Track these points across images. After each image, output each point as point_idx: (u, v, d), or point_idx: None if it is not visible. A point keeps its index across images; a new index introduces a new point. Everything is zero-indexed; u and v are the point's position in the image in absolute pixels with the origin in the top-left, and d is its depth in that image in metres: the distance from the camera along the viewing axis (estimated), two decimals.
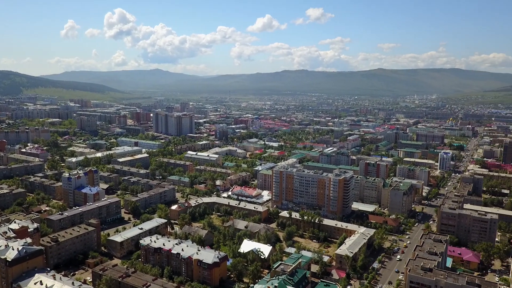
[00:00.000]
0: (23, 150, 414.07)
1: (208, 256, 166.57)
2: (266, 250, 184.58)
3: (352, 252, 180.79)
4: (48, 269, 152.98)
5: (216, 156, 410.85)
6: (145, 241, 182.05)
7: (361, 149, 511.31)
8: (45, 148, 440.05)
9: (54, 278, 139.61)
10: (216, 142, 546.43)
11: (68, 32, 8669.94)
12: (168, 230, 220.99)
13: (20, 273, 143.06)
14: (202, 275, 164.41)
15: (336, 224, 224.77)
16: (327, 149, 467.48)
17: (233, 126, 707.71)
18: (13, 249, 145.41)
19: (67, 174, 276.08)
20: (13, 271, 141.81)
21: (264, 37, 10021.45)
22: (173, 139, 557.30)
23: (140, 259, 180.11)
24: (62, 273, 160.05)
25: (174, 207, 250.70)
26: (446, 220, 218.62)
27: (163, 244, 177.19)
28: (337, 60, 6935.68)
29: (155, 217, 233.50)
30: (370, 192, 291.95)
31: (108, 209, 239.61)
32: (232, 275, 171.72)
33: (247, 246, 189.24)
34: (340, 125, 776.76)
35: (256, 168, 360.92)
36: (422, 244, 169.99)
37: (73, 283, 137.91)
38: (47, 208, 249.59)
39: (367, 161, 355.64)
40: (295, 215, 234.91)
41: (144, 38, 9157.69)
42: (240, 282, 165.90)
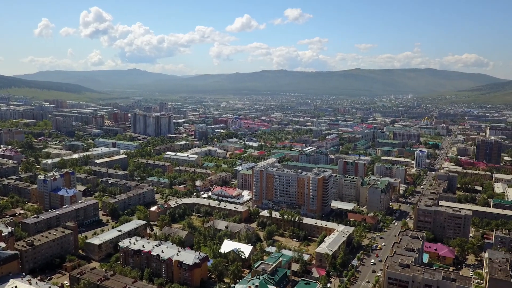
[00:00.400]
0: None
1: (189, 257, 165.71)
2: (246, 250, 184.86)
3: (331, 250, 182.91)
4: (24, 274, 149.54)
5: (196, 156, 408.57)
6: (124, 243, 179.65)
7: (340, 148, 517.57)
8: (19, 150, 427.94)
9: (30, 283, 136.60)
10: (196, 142, 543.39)
11: (42, 31, 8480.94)
12: (148, 231, 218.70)
13: None
14: (183, 276, 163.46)
15: (316, 223, 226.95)
16: (306, 149, 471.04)
17: (213, 126, 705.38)
18: None
19: (43, 176, 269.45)
20: None
21: (243, 37, 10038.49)
22: (152, 140, 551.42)
23: (119, 262, 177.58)
24: (38, 277, 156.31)
25: (153, 208, 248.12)
26: (423, 217, 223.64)
27: (143, 246, 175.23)
28: (315, 60, 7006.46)
29: (134, 218, 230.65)
30: (349, 190, 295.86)
31: (86, 212, 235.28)
32: (213, 276, 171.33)
33: (227, 246, 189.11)
34: (318, 124, 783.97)
35: (236, 168, 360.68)
36: (399, 241, 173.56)
37: (49, 287, 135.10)
38: (21, 212, 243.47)
39: (346, 160, 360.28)
40: (276, 214, 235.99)
41: (121, 37, 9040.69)
42: (221, 283, 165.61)
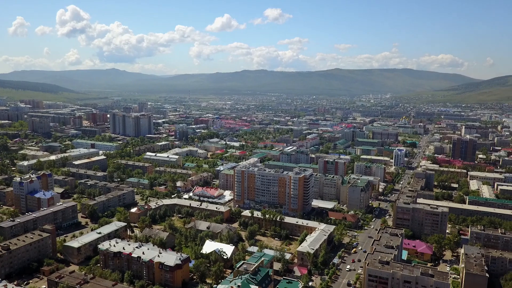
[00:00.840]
0: None
1: (170, 258, 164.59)
2: (228, 250, 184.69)
3: (313, 249, 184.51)
4: (0, 279, 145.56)
5: (176, 157, 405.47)
6: (104, 245, 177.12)
7: (320, 148, 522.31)
8: None
9: None
10: (176, 142, 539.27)
11: (17, 29, 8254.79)
12: (128, 233, 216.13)
13: None
14: (164, 278, 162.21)
15: (297, 222, 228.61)
16: (287, 148, 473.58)
17: (193, 126, 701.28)
18: None
19: (19, 178, 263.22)
20: None
21: (223, 36, 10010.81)
22: (131, 140, 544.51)
23: (99, 265, 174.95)
24: (15, 282, 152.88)
25: (133, 210, 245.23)
26: (401, 215, 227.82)
27: (123, 248, 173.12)
28: (295, 60, 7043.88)
29: (114, 220, 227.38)
30: (329, 189, 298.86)
31: (64, 214, 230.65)
32: (194, 277, 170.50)
33: (209, 246, 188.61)
34: (299, 124, 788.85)
35: (218, 168, 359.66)
36: (379, 238, 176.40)
37: None
38: None
39: (326, 159, 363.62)
40: (257, 214, 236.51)
41: (99, 36, 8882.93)
42: (203, 283, 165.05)
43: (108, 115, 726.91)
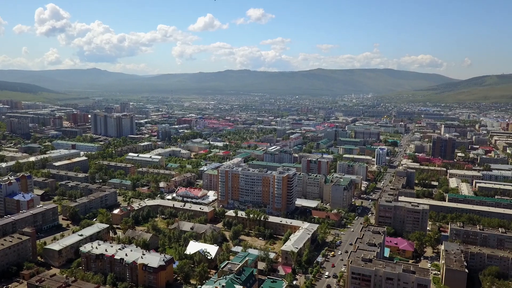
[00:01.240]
0: None
1: (154, 259, 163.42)
2: (212, 250, 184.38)
3: (297, 248, 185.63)
4: None
5: (159, 157, 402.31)
6: (85, 248, 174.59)
7: (303, 147, 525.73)
8: None
9: None
10: (159, 143, 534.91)
11: None
12: (111, 235, 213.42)
13: None
14: (148, 280, 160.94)
15: (281, 221, 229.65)
16: (270, 148, 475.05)
17: (176, 126, 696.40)
18: None
19: None
20: None
21: (206, 36, 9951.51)
22: (113, 141, 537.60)
23: (80, 267, 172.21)
24: None
25: (116, 211, 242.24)
26: (383, 213, 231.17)
27: (105, 250, 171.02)
28: (278, 60, 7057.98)
29: (96, 222, 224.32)
30: (313, 188, 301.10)
31: (44, 216, 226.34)
32: (179, 278, 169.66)
33: (193, 247, 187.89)
34: (282, 124, 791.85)
35: (201, 169, 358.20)
36: (362, 236, 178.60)
37: None
38: None
39: (309, 159, 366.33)
40: (241, 214, 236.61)
41: (79, 35, 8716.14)
42: (187, 284, 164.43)
43: (89, 116, 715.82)
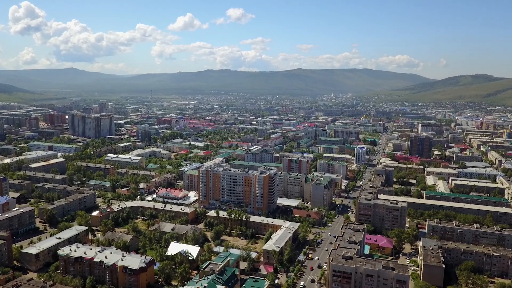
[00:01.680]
0: None
1: (134, 261, 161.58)
2: (194, 251, 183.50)
3: (278, 247, 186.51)
4: None
5: (139, 158, 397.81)
6: (64, 251, 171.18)
7: (284, 147, 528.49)
8: None
9: None
10: (138, 143, 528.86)
11: None
12: (90, 237, 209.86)
13: None
14: (128, 282, 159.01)
15: (263, 220, 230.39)
16: (252, 148, 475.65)
17: (156, 127, 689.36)
18: None
19: None
20: None
21: (185, 36, 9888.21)
22: (92, 142, 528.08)
23: (59, 271, 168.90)
24: None
25: (95, 213, 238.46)
26: (363, 210, 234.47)
27: (85, 253, 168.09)
28: (258, 60, 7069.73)
29: (74, 225, 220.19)
30: (294, 187, 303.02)
31: (20, 219, 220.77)
32: (160, 279, 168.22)
33: (174, 248, 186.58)
34: (263, 124, 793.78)
35: (182, 169, 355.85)
36: (342, 234, 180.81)
37: None
38: None
39: (290, 158, 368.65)
40: (223, 214, 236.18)
41: (55, 34, 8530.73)
42: (168, 286, 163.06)
43: (67, 116, 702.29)
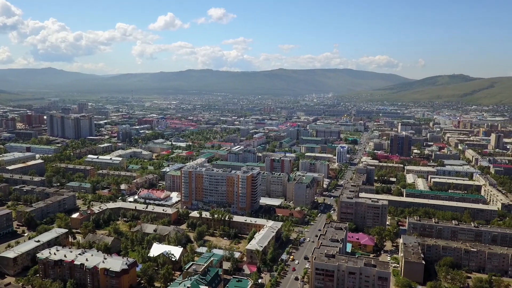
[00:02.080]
0: None
1: (116, 263, 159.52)
2: (177, 252, 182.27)
3: (261, 246, 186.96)
4: None
5: (120, 159, 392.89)
6: (43, 254, 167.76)
7: (266, 146, 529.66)
8: None
9: None
10: (119, 144, 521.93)
11: None
12: (70, 240, 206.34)
13: None
14: (110, 284, 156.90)
15: (246, 220, 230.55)
16: (234, 148, 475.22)
17: (137, 127, 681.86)
18: None
19: None
20: None
21: (166, 35, 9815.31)
22: (71, 143, 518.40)
23: (38, 275, 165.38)
24: None
25: (75, 215, 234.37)
26: (345, 209, 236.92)
27: (65, 256, 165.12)
28: (240, 60, 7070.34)
29: (54, 227, 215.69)
30: (276, 186, 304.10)
31: None
32: (142, 281, 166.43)
33: (157, 249, 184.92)
34: (246, 124, 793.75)
35: (164, 170, 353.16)
36: (325, 232, 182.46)
37: None
38: None
39: (272, 158, 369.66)
40: (206, 214, 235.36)
41: (32, 33, 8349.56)
42: (151, 287, 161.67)
43: (45, 117, 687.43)
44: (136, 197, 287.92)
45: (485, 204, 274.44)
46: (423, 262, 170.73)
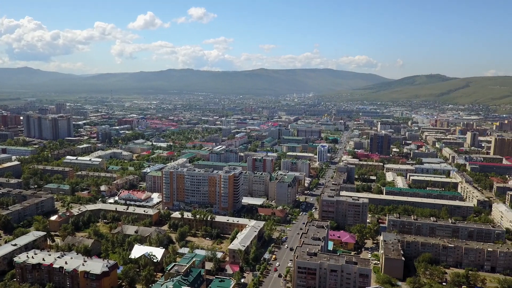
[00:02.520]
0: None
1: (96, 266, 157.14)
2: (158, 253, 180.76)
3: (244, 246, 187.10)
4: None
5: (99, 160, 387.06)
6: (20, 258, 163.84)
7: (248, 146, 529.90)
8: None
9: None
10: (99, 145, 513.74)
11: None
12: (48, 243, 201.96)
13: None
14: (91, 287, 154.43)
15: (228, 220, 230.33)
16: (216, 147, 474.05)
17: (117, 127, 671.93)
18: None
19: None
20: None
21: (146, 35, 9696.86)
22: (49, 144, 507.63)
23: (15, 279, 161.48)
24: None
25: (53, 217, 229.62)
26: (326, 207, 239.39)
27: (43, 259, 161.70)
28: (221, 60, 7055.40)
29: (31, 230, 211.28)
30: (258, 186, 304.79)
31: None
32: (123, 283, 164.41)
33: (138, 251, 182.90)
34: (227, 123, 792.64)
35: (144, 170, 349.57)
36: (307, 231, 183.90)
37: None
38: None
39: (254, 157, 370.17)
40: (187, 215, 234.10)
41: (7, 32, 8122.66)
42: None
43: (22, 117, 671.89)
44: (116, 198, 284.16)
45: (462, 200, 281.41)
46: (403, 258, 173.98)
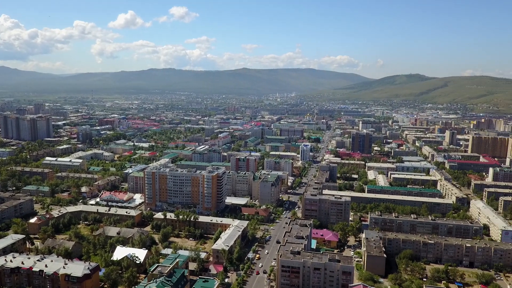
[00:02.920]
0: None
1: (77, 268, 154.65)
2: (141, 254, 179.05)
3: (227, 246, 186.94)
4: None
5: (80, 160, 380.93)
6: None
7: (231, 146, 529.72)
8: None
9: None
10: (79, 145, 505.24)
11: None
12: (28, 246, 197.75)
13: None
14: None
15: (211, 220, 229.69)
16: (199, 147, 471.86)
17: (98, 128, 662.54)
18: None
19: None
20: None
21: (127, 34, 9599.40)
22: (28, 145, 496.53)
23: None
24: None
25: (33, 220, 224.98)
26: (309, 206, 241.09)
27: (22, 263, 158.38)
28: (204, 60, 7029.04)
29: (10, 233, 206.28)
30: (242, 185, 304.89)
31: None
32: (106, 285, 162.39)
33: (120, 252, 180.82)
34: (210, 123, 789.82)
35: (126, 171, 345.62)
36: (290, 230, 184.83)
37: None
38: None
39: (238, 157, 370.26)
40: (170, 215, 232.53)
41: None
42: None
43: None
44: (98, 199, 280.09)
45: (441, 198, 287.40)
46: (385, 255, 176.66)
